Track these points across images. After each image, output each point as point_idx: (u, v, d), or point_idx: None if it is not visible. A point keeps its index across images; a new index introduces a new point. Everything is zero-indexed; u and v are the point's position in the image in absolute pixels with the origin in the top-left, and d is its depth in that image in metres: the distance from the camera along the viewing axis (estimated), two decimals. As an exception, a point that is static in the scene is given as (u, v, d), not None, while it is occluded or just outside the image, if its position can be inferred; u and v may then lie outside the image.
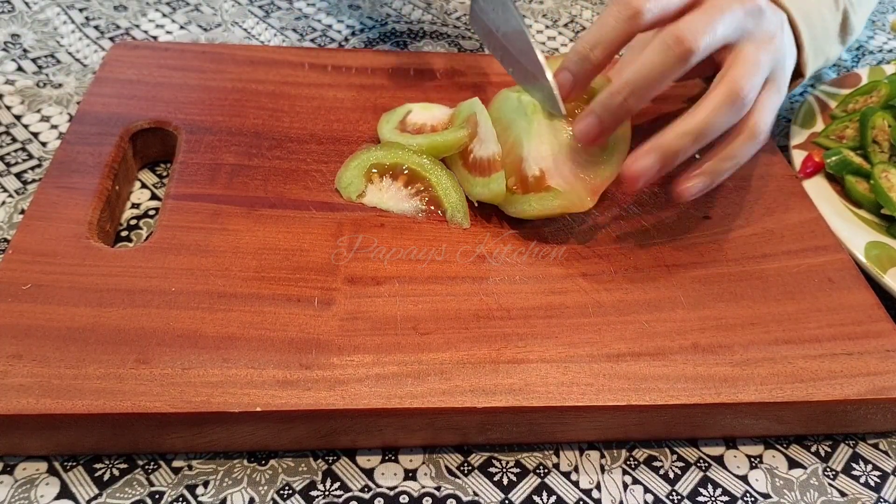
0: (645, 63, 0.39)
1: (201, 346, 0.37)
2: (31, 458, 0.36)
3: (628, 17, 0.40)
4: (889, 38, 0.75)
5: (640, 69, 0.40)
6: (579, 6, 0.74)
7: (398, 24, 0.68)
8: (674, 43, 0.39)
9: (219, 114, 0.50)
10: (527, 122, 0.44)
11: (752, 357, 0.40)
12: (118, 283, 0.39)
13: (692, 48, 0.39)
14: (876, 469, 0.40)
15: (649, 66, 0.39)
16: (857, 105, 0.56)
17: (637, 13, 0.40)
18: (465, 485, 0.37)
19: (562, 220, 0.46)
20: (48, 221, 0.42)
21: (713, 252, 0.45)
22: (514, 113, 0.46)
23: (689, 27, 0.39)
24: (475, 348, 0.38)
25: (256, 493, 0.36)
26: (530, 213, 0.44)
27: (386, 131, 0.49)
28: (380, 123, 0.50)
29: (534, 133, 0.44)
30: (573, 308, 0.41)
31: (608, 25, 0.40)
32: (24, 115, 0.54)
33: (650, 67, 0.39)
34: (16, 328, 0.36)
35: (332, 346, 0.38)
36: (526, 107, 0.45)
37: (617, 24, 0.40)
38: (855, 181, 0.51)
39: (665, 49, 0.39)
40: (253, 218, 0.44)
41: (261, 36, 0.65)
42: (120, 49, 0.54)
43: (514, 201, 0.44)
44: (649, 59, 0.39)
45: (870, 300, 0.43)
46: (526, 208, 0.44)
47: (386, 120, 0.50)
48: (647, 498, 0.37)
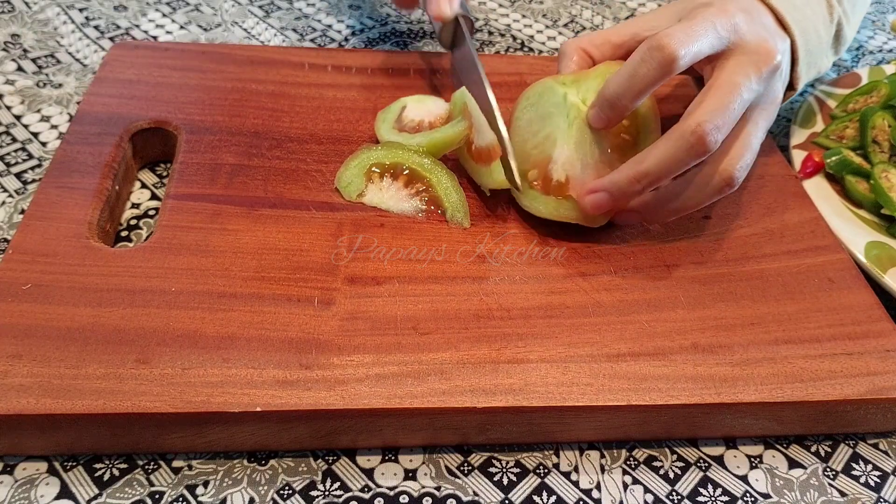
0: (664, 157, 0.40)
1: (201, 346, 0.37)
2: (31, 458, 0.36)
3: (661, 66, 0.40)
4: (889, 38, 0.75)
5: (659, 161, 0.40)
6: (579, 6, 0.74)
7: (398, 24, 0.68)
8: (696, 142, 0.39)
9: (219, 114, 0.50)
10: (566, 124, 0.44)
11: (752, 357, 0.40)
12: (118, 283, 0.39)
13: (710, 147, 0.40)
14: (876, 469, 0.40)
15: (669, 160, 0.40)
16: (857, 105, 0.56)
17: (672, 61, 0.39)
18: (465, 485, 0.37)
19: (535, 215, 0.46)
20: (48, 221, 0.42)
21: (713, 252, 0.46)
22: (556, 108, 0.45)
23: (709, 123, 0.39)
24: (475, 348, 0.38)
25: (256, 493, 0.36)
26: (543, 214, 0.44)
27: (384, 131, 0.49)
28: (377, 123, 0.50)
29: (570, 138, 0.44)
30: (573, 308, 0.41)
31: (639, 74, 0.40)
32: (24, 115, 0.54)
33: (669, 161, 0.40)
34: (16, 328, 0.36)
35: (332, 346, 0.38)
36: (569, 108, 0.44)
37: (649, 72, 0.40)
38: (855, 181, 0.51)
39: (687, 147, 0.40)
40: (253, 218, 0.44)
41: (261, 36, 0.65)
42: (120, 49, 0.54)
43: (530, 196, 0.44)
44: (672, 155, 0.40)
45: (870, 300, 0.43)
46: (540, 208, 0.44)
47: (382, 119, 0.50)
48: (647, 498, 0.37)
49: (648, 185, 0.41)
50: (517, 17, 0.72)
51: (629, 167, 0.41)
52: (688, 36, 0.40)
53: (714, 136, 0.40)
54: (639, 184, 0.41)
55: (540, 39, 0.69)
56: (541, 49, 0.68)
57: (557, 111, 0.45)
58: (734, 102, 0.40)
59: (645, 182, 0.41)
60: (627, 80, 0.41)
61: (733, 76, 0.41)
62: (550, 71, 0.50)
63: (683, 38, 0.40)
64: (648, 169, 0.41)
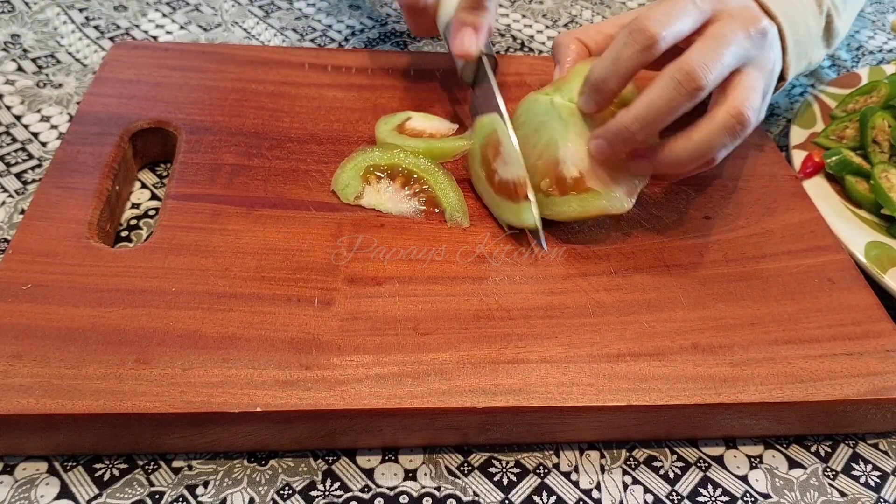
0: (655, 98, 0.40)
1: (201, 346, 0.37)
2: (31, 458, 0.36)
3: (644, 48, 0.40)
4: (889, 38, 0.75)
5: (650, 104, 0.40)
6: (579, 6, 0.74)
7: (398, 24, 0.68)
8: (684, 80, 0.39)
9: (219, 114, 0.50)
10: (562, 125, 0.44)
11: (752, 357, 0.40)
12: (118, 283, 0.39)
13: (701, 85, 0.39)
14: (876, 469, 0.40)
15: (659, 102, 0.40)
16: (857, 105, 0.56)
17: (653, 43, 0.40)
18: (465, 485, 0.37)
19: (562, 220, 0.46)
20: (48, 221, 0.42)
21: (713, 252, 0.45)
22: (546, 115, 0.45)
23: (697, 62, 0.39)
24: (475, 348, 0.38)
25: (256, 493, 0.36)
26: (570, 215, 0.44)
27: (384, 133, 0.49)
28: (377, 125, 0.50)
29: (570, 135, 0.44)
30: (573, 308, 0.41)
31: (623, 57, 0.41)
32: (24, 115, 0.54)
33: (660, 103, 0.40)
34: (16, 328, 0.36)
35: (332, 346, 0.38)
36: (560, 109, 0.44)
37: (632, 54, 0.40)
38: (855, 181, 0.51)
39: (675, 86, 0.39)
40: (253, 218, 0.44)
41: (261, 36, 0.65)
42: (120, 49, 0.54)
43: (551, 203, 0.44)
44: (659, 95, 0.40)
45: (870, 300, 0.43)
46: (566, 210, 0.43)
47: (384, 121, 0.50)
48: (647, 498, 0.37)
49: (642, 129, 0.40)
50: (517, 17, 0.72)
51: (622, 112, 0.41)
52: (667, 16, 0.40)
53: (703, 72, 0.39)
54: (630, 128, 0.41)
55: (540, 39, 0.69)
56: (541, 49, 0.68)
57: (549, 117, 0.45)
58: (722, 47, 0.40)
59: (637, 124, 0.40)
60: (612, 63, 0.41)
61: (720, 29, 0.41)
62: (550, 71, 0.50)
63: (662, 18, 0.40)
64: (639, 111, 0.40)
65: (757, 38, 0.42)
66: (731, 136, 0.41)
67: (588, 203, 0.43)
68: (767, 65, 0.44)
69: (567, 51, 0.48)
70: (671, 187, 0.49)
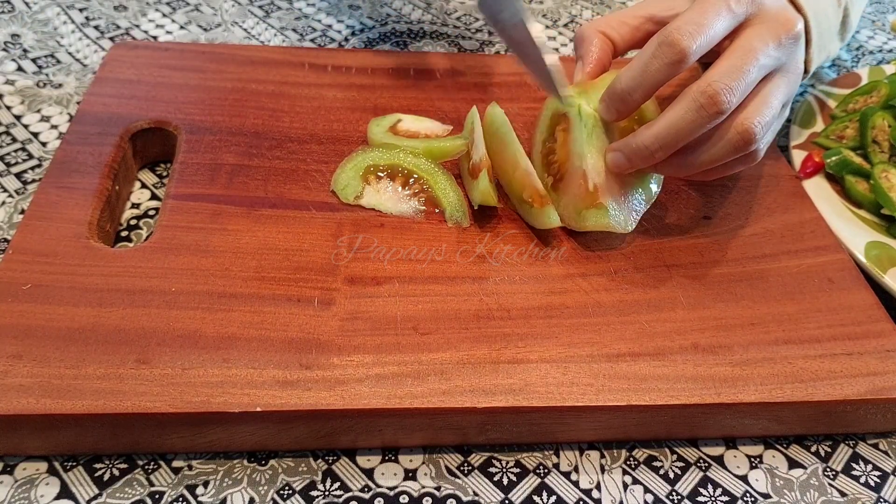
0: (677, 120, 0.40)
1: (201, 346, 0.37)
2: (31, 458, 0.36)
3: (672, 63, 0.39)
4: (889, 38, 0.75)
5: (671, 125, 0.40)
6: (579, 6, 0.74)
7: (398, 24, 0.68)
8: (707, 103, 0.39)
9: (219, 114, 0.50)
10: (584, 134, 0.44)
11: (752, 357, 0.40)
12: (118, 283, 0.39)
13: (723, 109, 0.39)
14: (876, 469, 0.40)
15: (680, 124, 0.40)
16: (857, 105, 0.56)
17: (682, 59, 0.39)
18: (465, 485, 0.37)
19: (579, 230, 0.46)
20: (48, 221, 0.42)
21: (713, 252, 0.45)
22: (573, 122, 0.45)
23: (722, 85, 0.39)
24: (475, 348, 0.38)
25: (256, 493, 0.36)
26: (585, 228, 0.44)
27: (377, 134, 0.49)
28: (369, 127, 0.50)
29: (592, 146, 0.44)
30: (573, 308, 0.41)
31: (651, 69, 0.40)
32: (24, 115, 0.54)
33: (681, 125, 0.40)
34: (16, 328, 0.36)
35: (332, 346, 0.38)
36: (585, 119, 0.44)
37: (660, 67, 0.40)
38: (855, 181, 0.51)
39: (698, 108, 0.39)
40: (253, 218, 0.44)
41: (261, 36, 0.65)
42: (120, 49, 0.54)
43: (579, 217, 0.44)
44: (682, 117, 0.39)
45: (870, 300, 0.43)
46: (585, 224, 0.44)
47: (376, 124, 0.50)
48: (647, 498, 0.37)
49: (661, 149, 0.40)
50: None
51: (642, 130, 0.41)
52: (699, 26, 0.39)
53: (726, 96, 0.38)
54: (649, 147, 0.41)
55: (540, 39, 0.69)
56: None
57: (575, 125, 0.45)
58: (749, 65, 0.39)
59: (657, 144, 0.40)
60: (640, 75, 0.40)
61: (749, 41, 0.40)
62: None
63: (694, 30, 0.39)
64: (659, 131, 0.40)
65: (788, 44, 0.41)
66: (736, 151, 0.41)
67: (600, 219, 0.43)
68: (796, 69, 0.43)
69: (591, 46, 0.47)
70: (671, 187, 0.49)
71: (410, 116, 0.51)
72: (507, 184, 0.46)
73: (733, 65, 0.39)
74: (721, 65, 0.40)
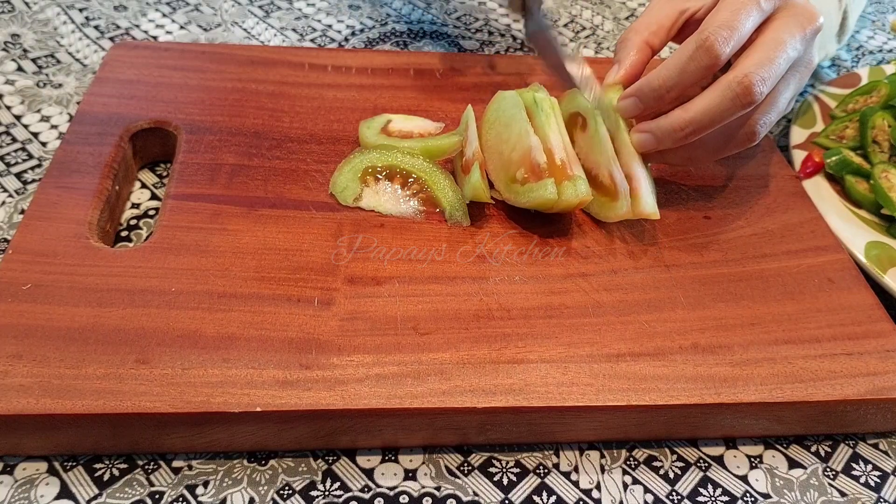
0: (712, 106, 0.41)
1: (201, 346, 0.37)
2: (31, 458, 0.36)
3: (707, 66, 0.41)
4: (889, 38, 0.75)
5: (706, 111, 0.41)
6: (579, 6, 0.74)
7: (398, 24, 0.68)
8: (742, 93, 0.40)
9: (219, 114, 0.50)
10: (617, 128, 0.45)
11: (752, 357, 0.40)
12: (118, 283, 0.39)
13: (756, 100, 0.41)
14: (876, 469, 0.40)
15: (715, 111, 0.41)
16: (857, 105, 0.56)
17: (718, 63, 0.41)
18: (465, 485, 0.37)
19: (562, 220, 0.46)
20: (48, 221, 0.42)
21: (713, 252, 0.45)
22: (515, 108, 0.46)
23: (757, 77, 0.40)
24: (475, 348, 0.38)
25: (256, 493, 0.36)
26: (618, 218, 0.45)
27: (370, 136, 0.49)
28: (361, 130, 0.49)
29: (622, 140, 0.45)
30: (573, 308, 0.41)
31: (688, 71, 0.42)
32: (24, 115, 0.54)
33: (715, 112, 0.41)
34: (16, 328, 0.36)
35: (332, 346, 0.38)
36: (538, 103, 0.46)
37: (696, 69, 0.41)
38: (855, 181, 0.51)
39: (733, 97, 0.41)
40: (253, 218, 0.44)
41: (261, 36, 0.65)
42: (120, 49, 0.54)
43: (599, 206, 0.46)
44: (717, 104, 0.41)
45: (870, 300, 0.43)
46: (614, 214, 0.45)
47: (367, 126, 0.50)
48: (647, 498, 0.37)
49: (692, 133, 0.42)
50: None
51: (676, 113, 0.42)
52: (732, 31, 0.41)
53: (760, 87, 0.40)
54: (682, 130, 0.42)
55: (540, 39, 0.69)
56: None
57: (517, 109, 0.45)
58: (780, 58, 0.41)
59: (689, 129, 0.42)
60: (678, 75, 0.42)
61: (780, 33, 0.42)
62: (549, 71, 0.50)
63: (728, 35, 0.41)
64: (693, 116, 0.41)
65: (810, 37, 0.43)
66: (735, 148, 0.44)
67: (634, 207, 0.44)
68: (809, 63, 0.45)
69: (631, 54, 0.47)
70: (671, 187, 0.49)
71: (400, 116, 0.51)
72: (500, 169, 0.46)
73: (767, 56, 0.41)
74: (754, 56, 0.41)
